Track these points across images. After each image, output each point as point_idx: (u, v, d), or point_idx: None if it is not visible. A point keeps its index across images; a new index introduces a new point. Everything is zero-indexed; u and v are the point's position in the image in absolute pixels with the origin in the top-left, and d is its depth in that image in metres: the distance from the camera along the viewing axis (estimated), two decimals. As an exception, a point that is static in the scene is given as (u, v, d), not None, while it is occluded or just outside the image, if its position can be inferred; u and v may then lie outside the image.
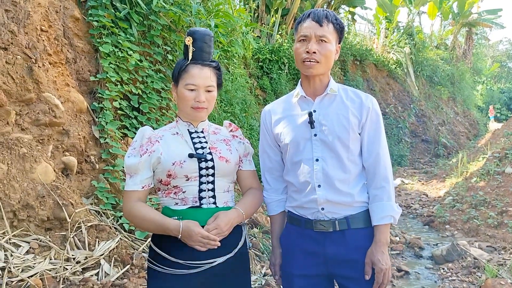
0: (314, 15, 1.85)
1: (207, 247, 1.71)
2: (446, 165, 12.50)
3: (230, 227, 1.77)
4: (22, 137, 3.29)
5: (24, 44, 3.50)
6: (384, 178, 1.87)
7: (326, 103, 1.91)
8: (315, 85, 1.92)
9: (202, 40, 1.84)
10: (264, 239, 4.64)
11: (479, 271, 4.76)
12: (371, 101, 1.92)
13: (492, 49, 39.54)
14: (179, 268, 1.74)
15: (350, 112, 1.87)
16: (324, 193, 1.85)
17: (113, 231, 3.50)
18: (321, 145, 1.87)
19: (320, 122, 1.87)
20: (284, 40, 11.77)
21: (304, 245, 1.91)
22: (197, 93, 1.81)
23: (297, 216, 1.95)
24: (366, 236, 1.87)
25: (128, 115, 4.44)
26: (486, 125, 21.32)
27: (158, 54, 4.79)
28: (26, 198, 3.08)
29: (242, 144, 1.98)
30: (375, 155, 1.88)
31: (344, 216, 1.86)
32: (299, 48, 1.87)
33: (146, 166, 1.78)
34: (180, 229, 1.70)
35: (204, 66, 1.83)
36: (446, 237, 6.62)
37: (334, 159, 1.86)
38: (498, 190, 7.19)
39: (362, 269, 1.84)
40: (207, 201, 1.81)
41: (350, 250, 1.85)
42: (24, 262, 2.86)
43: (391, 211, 1.84)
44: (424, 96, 18.48)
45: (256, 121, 8.08)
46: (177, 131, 1.89)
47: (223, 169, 1.84)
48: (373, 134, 1.90)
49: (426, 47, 19.79)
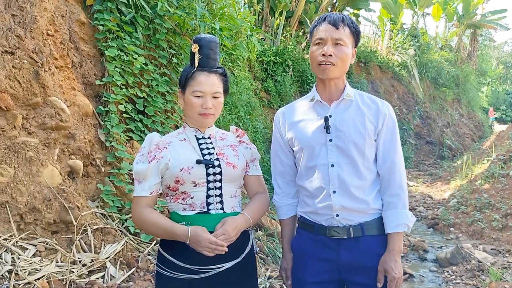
0: (330, 18, 1.83)
1: (215, 253, 1.72)
2: (450, 167, 12.48)
3: (237, 232, 1.78)
4: (28, 141, 3.32)
5: (31, 48, 3.53)
6: (399, 186, 1.86)
7: (342, 108, 1.90)
8: (330, 89, 1.90)
9: (208, 47, 1.85)
10: (268, 242, 4.66)
11: (484, 274, 4.76)
12: (387, 107, 1.91)
13: (497, 50, 39.39)
14: (187, 273, 1.76)
15: (367, 118, 1.86)
16: (339, 199, 1.84)
17: (118, 234, 3.52)
18: (336, 150, 1.85)
19: (336, 127, 1.86)
20: (288, 43, 11.78)
21: (317, 251, 1.90)
22: (204, 99, 1.82)
23: (310, 222, 1.93)
24: (380, 243, 1.86)
25: (133, 118, 4.47)
26: (491, 127, 21.25)
27: (163, 57, 4.82)
28: (32, 201, 3.11)
29: (248, 149, 1.99)
30: (391, 162, 1.87)
31: (358, 223, 1.85)
32: (315, 51, 1.85)
33: (154, 172, 1.80)
34: (189, 234, 1.71)
35: (211, 73, 1.85)
36: (451, 240, 6.61)
37: (349, 165, 1.85)
38: (502, 192, 7.18)
39: (375, 276, 1.84)
40: (215, 207, 1.82)
41: (364, 257, 1.84)
42: (31, 265, 2.89)
43: (406, 219, 1.83)
44: (429, 98, 18.44)
45: (260, 124, 8.10)
46: (185, 137, 1.90)
47: (230, 175, 1.85)
48: (389, 141, 1.89)
49: (431, 48, 19.74)
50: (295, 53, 11.30)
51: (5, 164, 3.10)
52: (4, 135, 3.23)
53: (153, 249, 3.61)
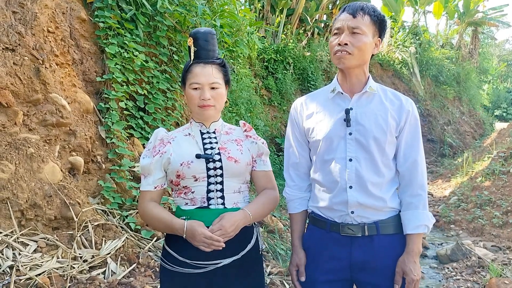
0: (349, 8, 1.78)
1: (211, 248, 1.70)
2: (451, 165, 12.47)
3: (235, 228, 1.74)
4: (29, 137, 3.33)
5: (31, 45, 3.54)
6: (421, 185, 1.81)
7: (364, 102, 1.83)
8: (351, 81, 1.84)
9: (204, 39, 1.85)
10: (269, 238, 4.67)
11: (484, 271, 4.76)
12: (411, 104, 1.85)
13: (498, 48, 39.30)
14: (187, 267, 1.76)
15: (389, 113, 1.80)
16: (356, 194, 1.78)
17: (119, 230, 3.53)
18: (355, 144, 1.79)
19: (357, 120, 1.80)
20: (289, 40, 11.77)
21: (329, 248, 1.85)
22: (202, 91, 1.81)
23: (323, 218, 1.87)
24: (394, 243, 1.81)
25: (134, 116, 4.48)
26: (492, 125, 21.21)
27: (163, 54, 4.82)
28: (33, 197, 3.12)
29: (255, 144, 1.93)
30: (413, 161, 1.82)
31: (373, 221, 1.79)
32: (332, 41, 1.80)
33: (158, 166, 1.81)
34: (185, 228, 1.71)
35: (207, 64, 1.84)
36: (451, 237, 6.62)
37: (368, 160, 1.79)
38: (503, 189, 7.18)
39: (388, 276, 1.79)
40: (216, 202, 1.81)
41: (378, 257, 1.79)
42: (32, 260, 2.90)
43: (426, 220, 1.78)
44: (430, 96, 18.41)
45: (261, 121, 8.11)
46: (190, 132, 1.90)
47: (232, 170, 1.82)
48: (411, 139, 1.83)
49: (432, 46, 19.69)
50: (296, 50, 11.28)
51: (6, 161, 3.11)
52: (5, 131, 3.24)
53: (153, 245, 3.62)
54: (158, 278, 3.15)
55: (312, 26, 13.76)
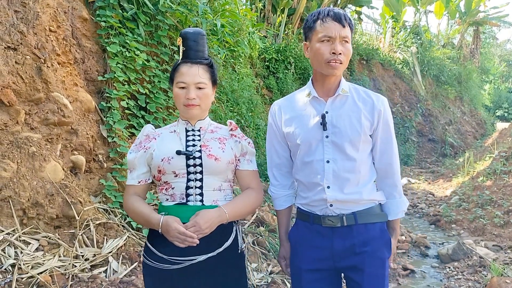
0: (336, 15, 1.82)
1: (186, 244, 1.72)
2: (452, 165, 12.46)
3: (210, 225, 1.76)
4: (31, 136, 3.34)
5: (33, 44, 3.55)
6: (397, 178, 1.99)
7: (338, 104, 1.91)
8: (328, 85, 1.91)
9: (192, 39, 1.88)
10: (270, 237, 4.67)
11: (485, 270, 4.76)
12: (382, 103, 1.92)
13: (500, 48, 39.25)
14: (163, 263, 1.79)
15: (363, 114, 1.88)
16: (334, 194, 1.89)
17: (121, 229, 3.54)
18: (332, 147, 1.88)
19: (333, 124, 1.88)
20: (290, 40, 11.77)
21: (312, 239, 1.95)
22: (187, 90, 1.84)
23: (306, 212, 1.99)
24: (371, 230, 1.93)
25: (135, 115, 4.48)
26: (493, 125, 21.20)
27: (165, 54, 4.83)
28: (35, 196, 3.13)
29: (238, 143, 1.96)
30: (388, 163, 1.96)
31: (351, 212, 1.91)
32: (321, 48, 1.83)
33: (142, 161, 1.87)
34: (160, 223, 1.75)
35: (194, 64, 1.87)
36: (452, 236, 6.62)
37: (345, 160, 1.88)
38: (504, 189, 7.17)
39: (367, 261, 1.90)
40: (194, 198, 1.83)
41: (357, 244, 1.90)
42: (34, 259, 2.90)
43: (404, 206, 2.00)
44: (431, 96, 18.40)
45: (262, 121, 8.10)
46: (176, 129, 1.95)
47: (211, 167, 1.84)
48: (385, 138, 1.94)
49: (433, 46, 19.68)
50: (297, 50, 11.28)
51: (8, 159, 3.12)
52: (7, 130, 3.25)
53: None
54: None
55: (313, 26, 13.75)
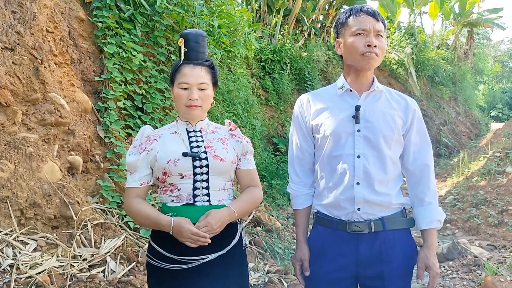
0: (369, 10, 1.80)
1: (198, 244, 1.74)
2: (447, 165, 12.54)
3: (221, 225, 1.79)
4: (28, 137, 3.34)
5: (30, 45, 3.55)
6: (432, 182, 1.88)
7: (372, 100, 1.87)
8: (362, 80, 1.87)
9: (194, 40, 1.89)
10: (267, 237, 4.69)
11: (479, 269, 4.80)
12: (415, 104, 1.90)
13: (493, 49, 39.48)
14: (172, 263, 1.80)
15: (396, 112, 1.85)
16: (363, 191, 1.81)
17: (118, 229, 3.55)
18: (364, 141, 1.82)
19: (366, 118, 1.83)
20: (286, 41, 11.80)
21: (335, 246, 1.87)
22: (190, 91, 1.85)
23: (328, 217, 1.90)
24: (400, 237, 1.86)
25: (132, 115, 4.49)
26: (487, 125, 21.32)
27: (161, 54, 4.84)
28: (33, 196, 3.14)
29: (239, 143, 1.98)
30: (423, 164, 1.88)
31: (379, 217, 1.83)
32: (356, 41, 1.79)
33: (144, 164, 1.85)
34: (172, 225, 1.75)
35: (196, 65, 1.87)
36: (447, 236, 6.66)
37: (376, 157, 1.82)
38: (498, 189, 7.24)
39: (392, 268, 1.82)
40: (201, 199, 1.84)
41: (383, 251, 1.82)
42: (32, 259, 2.91)
43: (440, 215, 1.85)
44: (426, 96, 18.48)
45: (258, 121, 8.12)
46: (176, 130, 1.94)
47: (217, 168, 1.86)
48: (420, 138, 1.89)
49: (428, 47, 19.77)
50: (292, 51, 11.31)
51: (5, 160, 3.12)
52: (4, 130, 3.25)
53: (152, 244, 3.64)
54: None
55: (309, 27, 13.80)
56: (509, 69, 38.77)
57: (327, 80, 12.32)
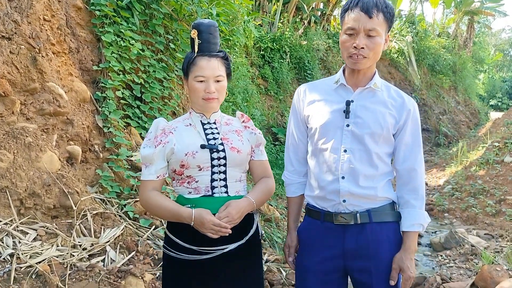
0: (363, 5, 1.71)
1: (219, 234, 1.77)
2: (446, 154, 12.56)
3: (241, 215, 1.82)
4: (27, 127, 3.33)
5: (28, 33, 3.52)
6: (420, 186, 1.86)
7: (366, 96, 1.85)
8: (358, 77, 1.86)
9: (207, 32, 1.87)
10: (266, 227, 4.71)
11: (476, 258, 4.84)
12: (413, 104, 1.87)
13: (494, 37, 39.30)
14: (192, 254, 1.82)
15: (389, 110, 1.83)
16: (348, 185, 1.82)
17: (118, 219, 3.56)
18: (351, 136, 1.82)
19: (356, 113, 1.82)
20: (285, 29, 11.73)
21: (323, 238, 1.89)
22: (207, 84, 1.85)
23: (317, 209, 1.92)
24: (386, 230, 1.86)
25: (130, 105, 4.48)
26: (487, 114, 21.32)
27: (160, 43, 4.81)
28: (32, 186, 3.14)
29: (253, 134, 2.00)
30: (411, 167, 1.86)
31: (366, 209, 1.84)
32: (346, 42, 1.77)
33: (161, 156, 1.85)
34: (193, 217, 1.76)
35: (212, 57, 1.87)
36: (445, 225, 6.71)
37: (362, 152, 1.82)
38: (497, 179, 7.26)
39: (379, 263, 1.83)
40: (219, 190, 1.86)
41: (370, 244, 1.83)
42: (32, 248, 2.92)
43: (422, 219, 1.83)
44: (426, 85, 18.46)
45: (258, 111, 8.11)
46: (190, 122, 1.94)
47: (234, 160, 1.88)
48: (412, 142, 1.87)
49: (428, 35, 19.69)
50: (292, 39, 11.25)
51: (4, 150, 3.12)
52: (3, 120, 3.24)
53: (152, 233, 3.65)
54: (157, 265, 3.19)
55: (309, 15, 13.71)
56: (510, 58, 38.66)
57: (327, 69, 12.28)
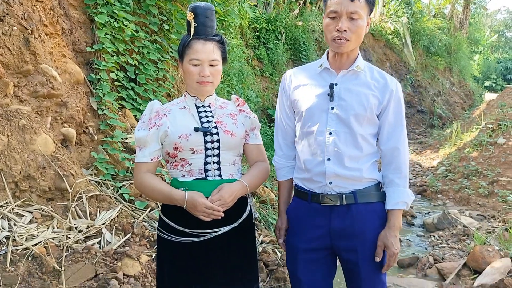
0: None
1: (211, 217, 1.78)
2: (440, 136, 12.63)
3: (234, 198, 1.83)
4: (21, 109, 3.31)
5: (20, 15, 3.47)
6: (402, 164, 1.89)
7: (349, 78, 1.88)
8: (342, 60, 1.88)
9: (204, 15, 1.86)
10: (261, 208, 4.75)
11: (469, 239, 4.91)
12: (395, 84, 1.89)
13: (490, 18, 39.13)
14: (186, 236, 1.83)
15: (372, 92, 1.85)
16: (333, 167, 1.85)
17: (113, 201, 3.57)
18: (336, 119, 1.85)
19: (340, 96, 1.85)
20: (281, 9, 11.61)
21: (310, 218, 1.93)
22: (201, 67, 1.85)
23: (304, 190, 1.96)
24: (371, 211, 1.90)
25: (125, 87, 4.45)
26: (481, 96, 21.37)
27: (154, 24, 4.76)
28: (27, 169, 3.14)
29: (248, 118, 2.01)
30: (394, 146, 1.89)
31: (351, 190, 1.88)
32: (329, 25, 1.80)
33: (155, 139, 1.85)
34: (185, 199, 1.77)
35: (207, 41, 1.86)
36: (438, 206, 6.78)
37: (347, 134, 1.85)
38: (490, 160, 7.32)
39: (365, 242, 1.88)
40: (213, 173, 1.87)
41: (355, 224, 1.87)
42: (28, 231, 2.94)
43: (406, 197, 1.88)
44: (421, 67, 18.42)
45: (253, 92, 8.08)
46: (185, 105, 1.94)
47: (228, 143, 1.89)
48: (394, 122, 1.89)
49: (424, 16, 19.56)
50: (287, 20, 11.14)
51: (-2, 132, 3.10)
52: (-4, 103, 3.22)
53: (147, 215, 3.68)
54: (153, 247, 3.22)
55: (304, -5, 13.55)
56: (505, 39, 38.58)
57: (322, 51, 12.20)
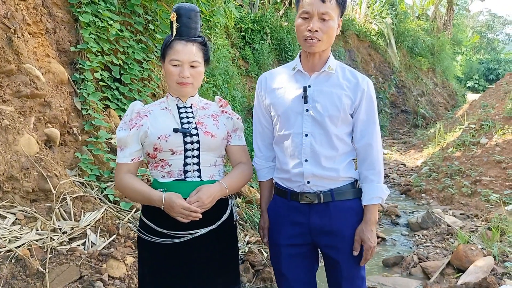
0: None
1: (189, 219, 1.78)
2: (424, 136, 12.77)
3: (212, 200, 1.83)
4: (3, 109, 3.26)
5: (2, 13, 3.42)
6: (376, 160, 1.94)
7: (322, 80, 1.92)
8: (314, 61, 1.92)
9: (187, 16, 1.86)
10: (247, 209, 4.75)
11: (452, 238, 4.98)
12: (367, 83, 1.93)
13: (472, 20, 39.72)
14: (164, 238, 1.83)
15: (344, 92, 1.90)
16: (310, 167, 1.90)
17: (98, 202, 3.54)
18: (311, 120, 1.90)
19: (314, 98, 1.89)
20: (266, 10, 11.63)
21: (290, 216, 1.99)
22: (181, 68, 1.84)
23: (284, 189, 2.01)
24: (348, 208, 1.96)
25: (109, 86, 4.41)
26: (464, 96, 21.69)
27: (139, 24, 4.72)
28: (10, 170, 3.09)
29: (230, 119, 2.01)
30: (367, 144, 1.94)
31: (328, 189, 1.93)
32: (301, 25, 1.85)
33: (135, 139, 1.86)
34: (163, 200, 1.77)
35: (189, 42, 1.86)
36: (422, 205, 6.86)
37: (323, 135, 1.90)
38: (473, 160, 7.43)
39: (344, 239, 1.94)
40: (192, 175, 1.87)
41: (333, 221, 1.93)
42: (11, 233, 2.89)
43: (381, 192, 1.93)
44: (405, 67, 18.63)
45: (238, 92, 8.08)
46: (166, 106, 1.94)
47: (208, 144, 1.88)
48: (366, 118, 1.93)
49: (408, 17, 19.78)
50: (273, 20, 11.17)
51: (-20, 133, 3.05)
52: (-22, 103, 3.16)
53: (133, 216, 3.65)
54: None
55: (290, -5, 13.59)
56: (487, 40, 39.21)
57: (307, 51, 12.26)
